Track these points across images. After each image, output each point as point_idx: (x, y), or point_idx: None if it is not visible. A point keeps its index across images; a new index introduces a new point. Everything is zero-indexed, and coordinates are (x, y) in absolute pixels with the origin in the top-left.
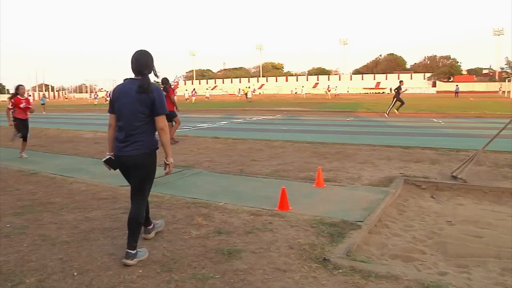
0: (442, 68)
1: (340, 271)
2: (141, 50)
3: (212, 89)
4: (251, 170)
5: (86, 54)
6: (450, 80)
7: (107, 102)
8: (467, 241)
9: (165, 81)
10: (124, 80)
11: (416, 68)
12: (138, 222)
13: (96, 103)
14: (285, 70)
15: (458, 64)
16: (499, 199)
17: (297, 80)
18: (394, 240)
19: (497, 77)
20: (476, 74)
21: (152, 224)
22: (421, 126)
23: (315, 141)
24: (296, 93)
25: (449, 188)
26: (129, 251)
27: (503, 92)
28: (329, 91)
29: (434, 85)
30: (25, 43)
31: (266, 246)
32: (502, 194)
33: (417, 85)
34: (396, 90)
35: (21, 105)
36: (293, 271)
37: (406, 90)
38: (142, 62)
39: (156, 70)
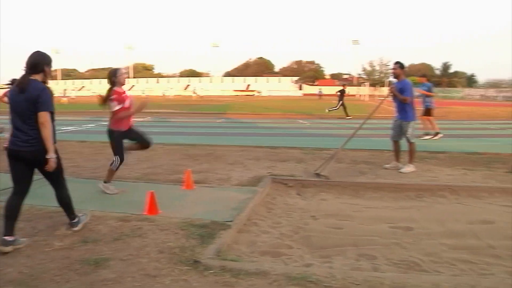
0: (307, 72)
1: (211, 271)
2: (35, 50)
3: (79, 90)
4: (119, 174)
5: None
6: (314, 84)
7: None
8: (329, 233)
9: None
10: None
11: (284, 72)
12: (65, 201)
13: None
14: (157, 71)
15: (322, 69)
16: (357, 193)
17: (168, 82)
18: (263, 237)
19: (355, 82)
20: (338, 78)
21: (14, 238)
22: (288, 127)
23: (186, 143)
24: (164, 94)
25: (313, 185)
26: (72, 221)
27: (360, 95)
28: (194, 93)
29: (300, 88)
30: None
31: (135, 252)
32: (359, 188)
33: (284, 88)
34: (339, 93)
35: (126, 103)
36: (163, 275)
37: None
38: (28, 62)
39: (47, 71)
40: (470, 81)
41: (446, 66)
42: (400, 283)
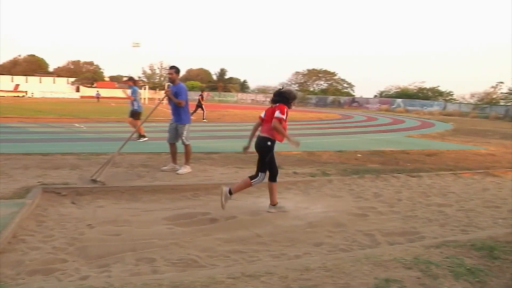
0: (85, 74)
1: None
2: None
3: None
4: None
5: None
6: (93, 86)
7: None
8: (107, 240)
9: None
10: None
11: (59, 72)
12: None
13: None
14: None
15: (101, 70)
16: (135, 197)
17: None
18: (32, 255)
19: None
20: (117, 80)
21: None
22: (63, 131)
23: None
24: None
25: (89, 191)
26: None
27: (141, 98)
28: None
29: (78, 90)
30: None
31: None
32: (137, 192)
33: (60, 89)
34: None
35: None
36: None
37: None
38: None
39: None
40: (243, 86)
41: (222, 72)
42: (178, 281)
